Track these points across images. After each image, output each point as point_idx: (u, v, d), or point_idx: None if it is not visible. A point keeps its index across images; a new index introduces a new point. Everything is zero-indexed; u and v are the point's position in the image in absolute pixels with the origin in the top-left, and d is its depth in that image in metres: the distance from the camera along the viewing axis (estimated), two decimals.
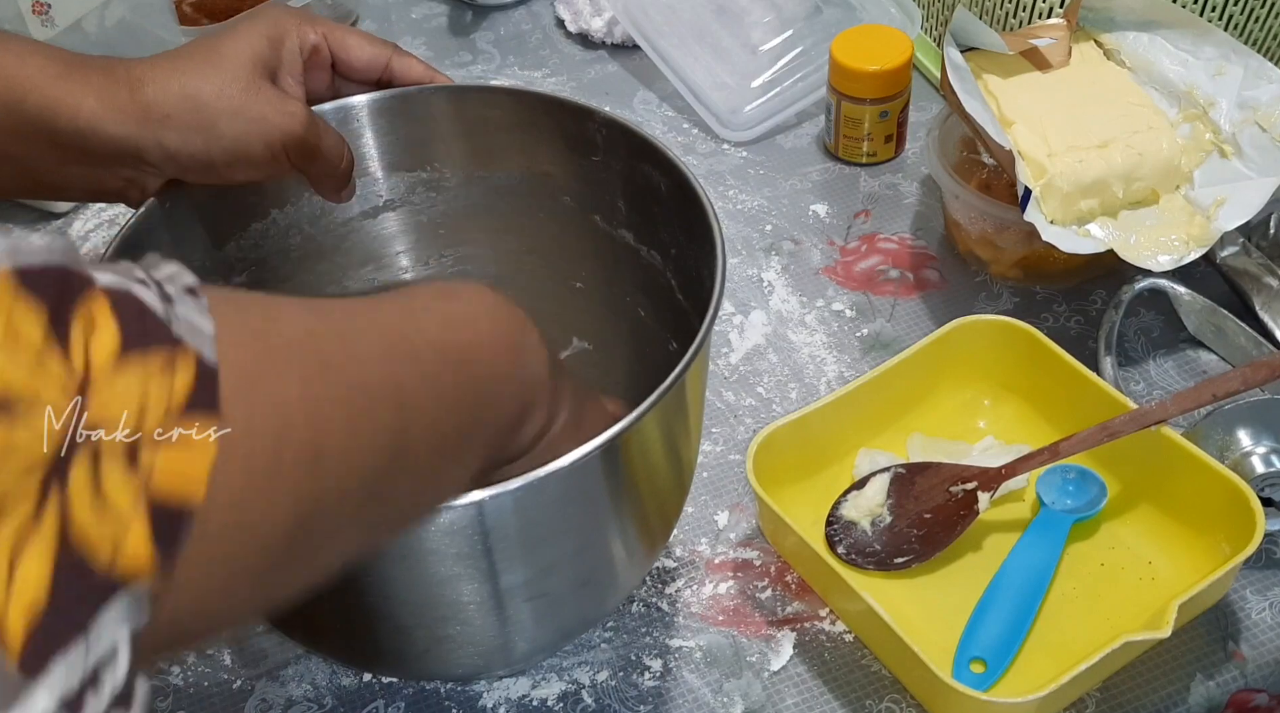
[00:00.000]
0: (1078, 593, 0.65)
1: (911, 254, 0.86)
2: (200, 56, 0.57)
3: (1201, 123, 0.79)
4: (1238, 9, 0.85)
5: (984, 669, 0.62)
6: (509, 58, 1.07)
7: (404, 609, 0.53)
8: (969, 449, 0.72)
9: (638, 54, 1.02)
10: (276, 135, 0.57)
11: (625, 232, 0.66)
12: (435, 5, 1.13)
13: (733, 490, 0.72)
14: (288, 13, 0.61)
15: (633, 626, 0.66)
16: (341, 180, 0.63)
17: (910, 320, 0.82)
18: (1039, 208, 0.74)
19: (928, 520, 0.67)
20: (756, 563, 0.69)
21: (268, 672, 0.65)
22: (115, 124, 0.55)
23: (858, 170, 0.93)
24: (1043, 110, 0.78)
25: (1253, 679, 0.63)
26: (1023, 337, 0.72)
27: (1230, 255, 0.79)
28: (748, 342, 0.81)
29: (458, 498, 0.46)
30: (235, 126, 0.56)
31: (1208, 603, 0.65)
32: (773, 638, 0.65)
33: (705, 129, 0.97)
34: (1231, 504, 0.63)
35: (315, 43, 0.61)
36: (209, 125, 0.56)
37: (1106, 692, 0.62)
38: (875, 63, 0.89)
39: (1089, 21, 0.83)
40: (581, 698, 0.63)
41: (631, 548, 0.58)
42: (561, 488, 0.50)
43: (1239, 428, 0.67)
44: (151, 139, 0.55)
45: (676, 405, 0.54)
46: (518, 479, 0.47)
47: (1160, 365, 0.78)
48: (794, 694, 0.63)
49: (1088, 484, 0.69)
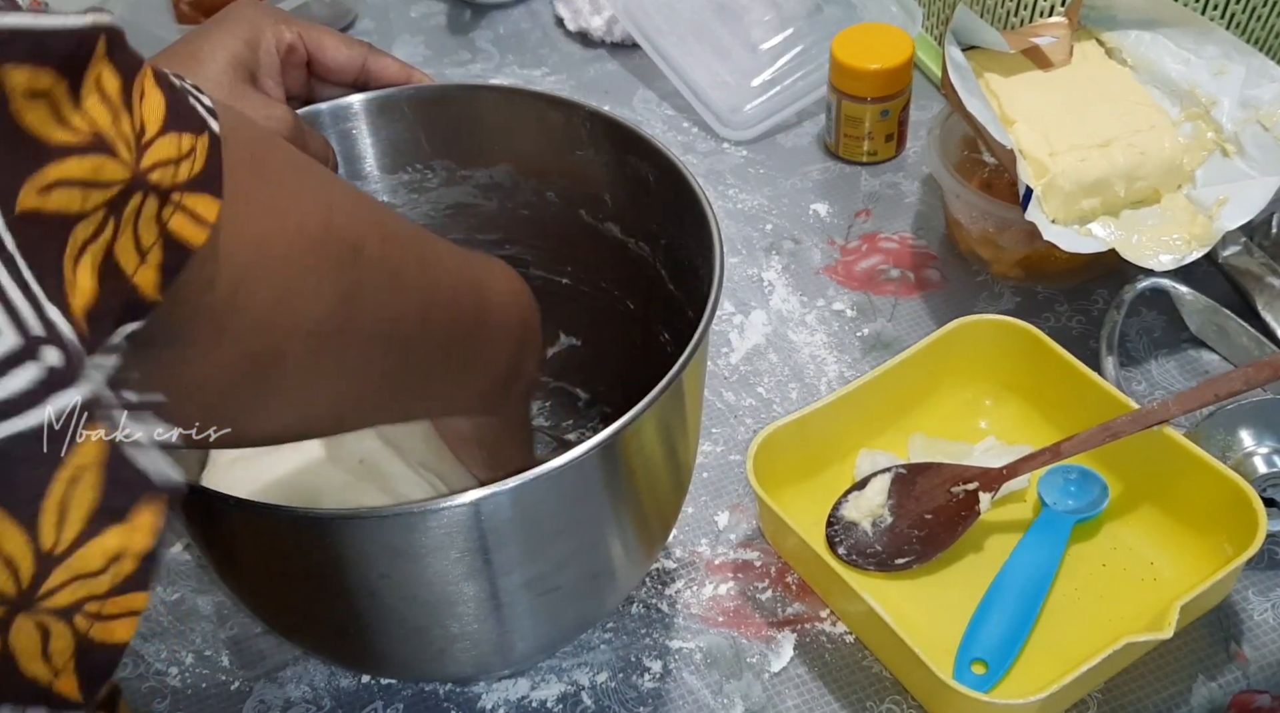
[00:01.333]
0: (1079, 594, 0.65)
1: (912, 254, 0.86)
2: (179, 63, 0.56)
3: (1204, 122, 0.78)
4: (1240, 7, 0.85)
5: (985, 670, 0.62)
6: (508, 56, 1.06)
7: (401, 610, 0.53)
8: (970, 450, 0.71)
9: (637, 53, 1.02)
10: None
11: (612, 224, 0.66)
12: (434, 4, 1.12)
13: (733, 491, 0.72)
14: (261, 12, 0.60)
15: (632, 627, 0.66)
16: None
17: (911, 320, 0.81)
18: (1040, 207, 0.73)
19: (929, 521, 0.67)
20: (757, 564, 0.68)
21: (266, 673, 0.65)
22: None
23: (858, 169, 0.93)
24: (1044, 109, 0.77)
25: (1255, 681, 0.63)
26: (1024, 336, 0.72)
27: (1232, 255, 0.78)
28: (748, 341, 0.81)
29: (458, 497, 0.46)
30: None
31: (1210, 604, 0.64)
32: (773, 639, 0.65)
33: (705, 128, 0.97)
34: (1234, 505, 0.63)
35: (291, 42, 0.61)
36: None
37: (1108, 693, 0.62)
38: (876, 61, 0.88)
39: (1091, 20, 0.83)
40: (581, 699, 0.63)
41: (630, 547, 0.58)
42: (559, 487, 0.50)
43: (1241, 428, 0.67)
44: None
45: (674, 403, 0.54)
46: (514, 478, 0.47)
47: (1162, 365, 0.77)
48: (794, 696, 0.63)
49: (1089, 485, 0.68)
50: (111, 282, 0.30)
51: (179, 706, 0.64)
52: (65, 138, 0.28)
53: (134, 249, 0.31)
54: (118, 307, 0.31)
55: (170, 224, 0.32)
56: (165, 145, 0.32)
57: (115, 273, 0.31)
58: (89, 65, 0.29)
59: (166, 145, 0.32)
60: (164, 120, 0.32)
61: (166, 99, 0.32)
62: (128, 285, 0.31)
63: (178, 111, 0.33)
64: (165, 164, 0.32)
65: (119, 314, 0.31)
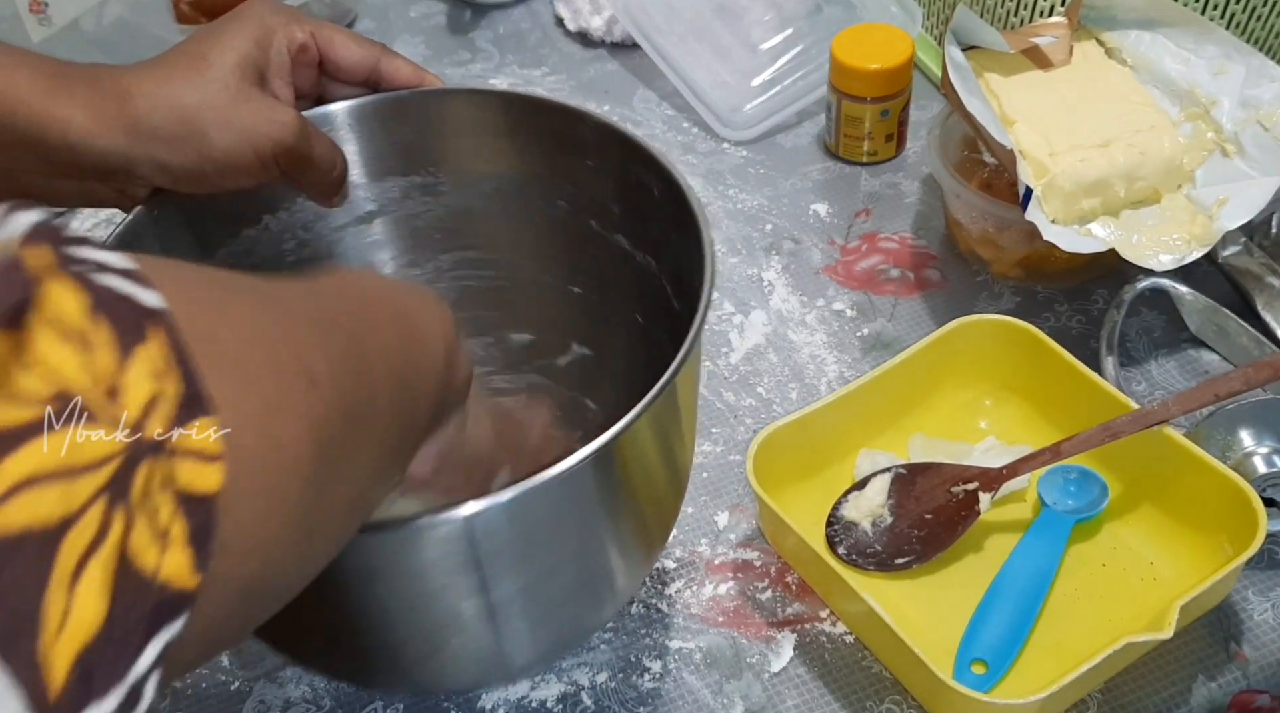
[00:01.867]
0: (1079, 594, 0.65)
1: (912, 253, 0.86)
2: (186, 64, 0.56)
3: (1203, 122, 0.78)
4: (1239, 7, 0.85)
5: (985, 670, 0.62)
6: (508, 56, 1.06)
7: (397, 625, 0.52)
8: (970, 449, 0.71)
9: (637, 52, 1.02)
10: (267, 145, 0.56)
11: (620, 236, 0.65)
12: (434, 3, 1.12)
13: (733, 491, 0.72)
14: (273, 10, 0.60)
15: (632, 627, 0.66)
16: (334, 187, 0.62)
17: (911, 320, 0.81)
18: (1040, 207, 0.73)
19: (929, 521, 0.67)
20: (757, 564, 0.68)
21: (266, 673, 0.65)
22: (104, 139, 0.54)
23: (858, 169, 0.93)
24: (1044, 109, 0.77)
25: (1255, 681, 0.63)
26: (1024, 336, 0.72)
27: (1232, 255, 0.78)
28: (748, 342, 0.81)
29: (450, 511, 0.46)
30: (225, 137, 0.55)
31: (1210, 604, 0.64)
32: (773, 639, 0.65)
33: (705, 128, 0.97)
34: (1234, 505, 0.63)
35: (303, 41, 0.60)
36: (198, 137, 0.55)
37: (1108, 693, 0.62)
38: (876, 61, 0.88)
39: (1090, 20, 0.83)
40: (581, 700, 0.63)
41: (629, 555, 0.58)
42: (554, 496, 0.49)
43: (1241, 428, 0.67)
44: (142, 152, 0.55)
45: (669, 409, 0.54)
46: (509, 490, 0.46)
47: (1162, 365, 0.77)
48: (794, 696, 0.63)
49: (1089, 485, 0.68)
50: (129, 594, 0.23)
51: (179, 706, 0.64)
52: (14, 415, 0.21)
53: (153, 537, 0.23)
54: (140, 621, 0.23)
55: (182, 481, 0.24)
56: (139, 373, 0.24)
57: (134, 579, 0.23)
58: (33, 292, 0.21)
59: (140, 373, 0.24)
60: (116, 338, 0.24)
61: (91, 299, 0.23)
62: (152, 588, 0.24)
63: (116, 316, 0.24)
64: (153, 401, 0.24)
65: (146, 628, 0.23)
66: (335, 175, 0.61)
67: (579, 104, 0.64)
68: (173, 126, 0.55)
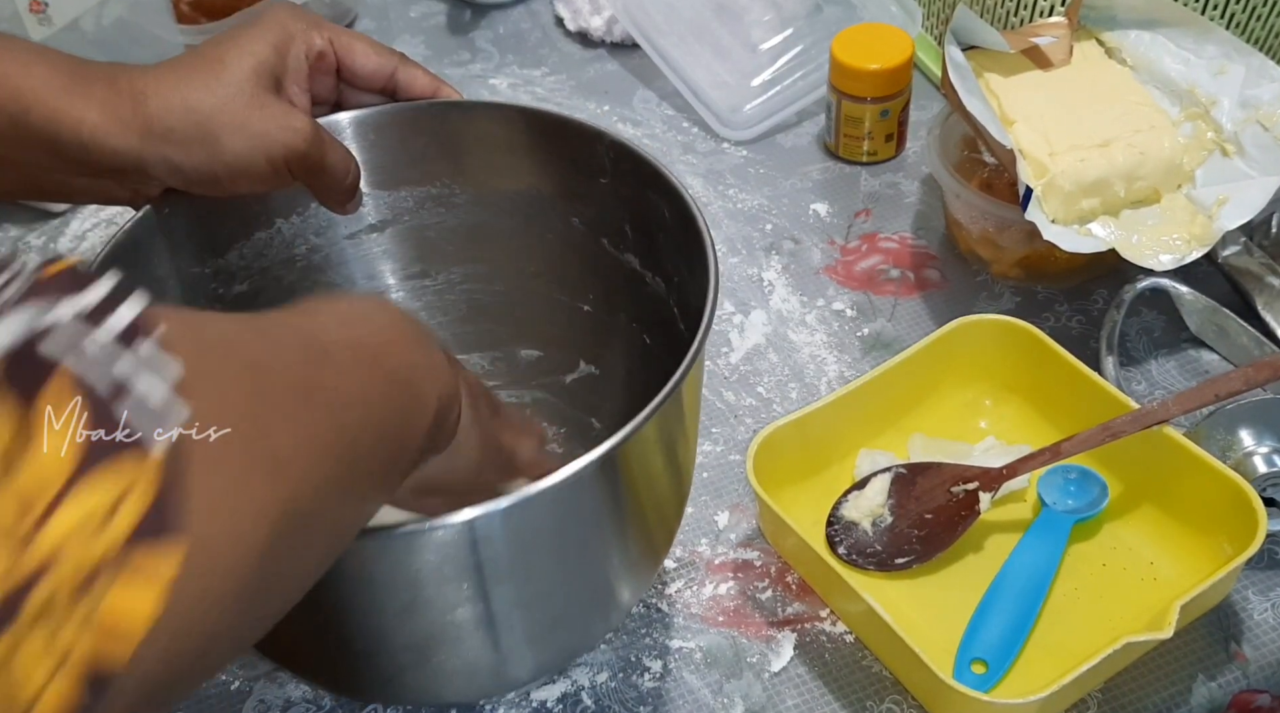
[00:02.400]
0: (1079, 594, 0.65)
1: (912, 253, 0.86)
2: (203, 66, 0.56)
3: (1203, 122, 0.78)
4: (1239, 7, 0.85)
5: (985, 670, 0.62)
6: (508, 56, 1.06)
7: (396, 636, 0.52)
8: (970, 449, 0.71)
9: (637, 53, 1.02)
10: (279, 150, 0.56)
11: (632, 257, 0.65)
12: (434, 3, 1.12)
13: (733, 491, 0.72)
14: (294, 16, 0.60)
15: (632, 627, 0.66)
16: (347, 194, 0.62)
17: (911, 320, 0.81)
18: (1040, 207, 0.73)
19: (929, 521, 0.67)
20: (757, 564, 0.68)
21: (266, 673, 0.65)
22: (118, 138, 0.54)
23: (858, 169, 0.93)
24: (1044, 109, 0.77)
25: (1255, 680, 0.63)
26: (1024, 336, 0.72)
27: (1232, 255, 0.78)
28: (748, 341, 0.81)
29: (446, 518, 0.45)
30: (238, 142, 0.56)
31: (1210, 604, 0.64)
32: (773, 639, 0.65)
33: (705, 128, 0.97)
34: (1234, 504, 0.63)
35: (321, 48, 0.60)
36: (212, 140, 0.55)
37: (1108, 693, 0.62)
38: (876, 61, 0.88)
39: (1090, 20, 0.83)
40: (581, 699, 0.63)
41: (633, 563, 0.57)
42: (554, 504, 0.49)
43: (1241, 428, 0.67)
44: (155, 153, 0.55)
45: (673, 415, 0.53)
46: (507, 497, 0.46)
47: (1162, 365, 0.77)
48: (794, 696, 0.63)
49: (1089, 485, 0.68)
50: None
51: (179, 705, 0.64)
52: None
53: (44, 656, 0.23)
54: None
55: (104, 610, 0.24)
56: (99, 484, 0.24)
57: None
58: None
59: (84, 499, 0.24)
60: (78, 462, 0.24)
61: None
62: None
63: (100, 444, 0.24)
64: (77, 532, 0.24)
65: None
66: (348, 183, 0.61)
67: (597, 124, 0.63)
68: (186, 129, 0.55)
